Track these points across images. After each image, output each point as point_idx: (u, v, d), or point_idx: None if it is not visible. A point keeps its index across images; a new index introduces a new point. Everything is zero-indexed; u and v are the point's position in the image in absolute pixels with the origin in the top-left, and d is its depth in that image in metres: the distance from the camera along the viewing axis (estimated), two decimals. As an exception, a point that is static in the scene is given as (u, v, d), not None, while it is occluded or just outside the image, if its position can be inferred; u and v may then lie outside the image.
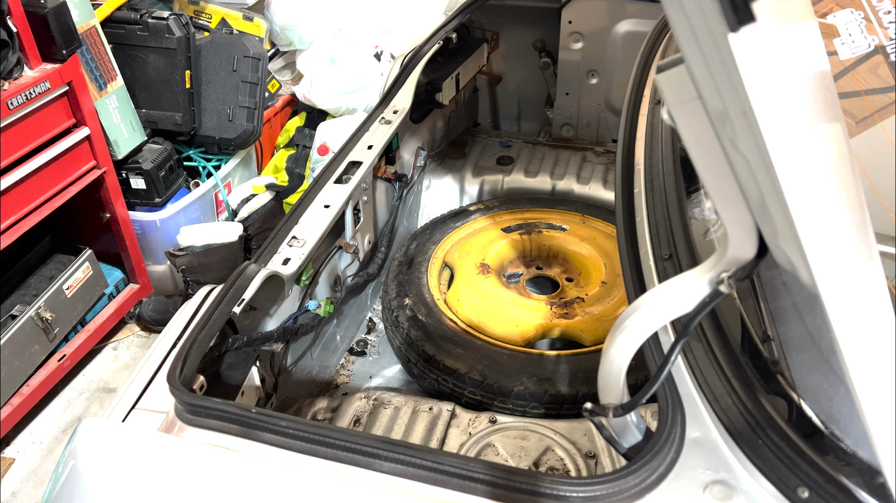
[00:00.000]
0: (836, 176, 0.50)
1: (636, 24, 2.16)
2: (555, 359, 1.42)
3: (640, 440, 0.82)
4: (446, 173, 2.25)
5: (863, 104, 0.93)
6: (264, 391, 1.24)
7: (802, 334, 0.79)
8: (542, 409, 1.35)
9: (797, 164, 0.47)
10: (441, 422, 1.25)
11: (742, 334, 0.89)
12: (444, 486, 0.72)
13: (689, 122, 0.56)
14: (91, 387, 2.29)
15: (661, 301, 0.69)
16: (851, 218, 0.51)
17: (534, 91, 2.52)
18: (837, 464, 0.69)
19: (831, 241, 0.51)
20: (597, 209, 1.99)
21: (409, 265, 1.75)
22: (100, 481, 0.77)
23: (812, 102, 0.47)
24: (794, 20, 0.44)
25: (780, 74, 0.44)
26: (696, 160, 0.59)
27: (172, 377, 0.89)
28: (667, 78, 0.55)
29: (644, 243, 1.02)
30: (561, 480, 0.70)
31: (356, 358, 1.72)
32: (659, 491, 0.70)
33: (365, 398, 1.33)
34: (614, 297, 1.62)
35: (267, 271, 1.23)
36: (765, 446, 0.71)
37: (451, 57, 2.15)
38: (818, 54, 0.46)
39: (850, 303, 0.53)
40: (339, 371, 1.67)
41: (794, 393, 0.76)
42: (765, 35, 0.42)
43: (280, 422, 0.79)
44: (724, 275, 0.65)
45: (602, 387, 0.79)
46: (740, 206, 0.60)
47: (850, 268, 0.52)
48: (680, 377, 0.81)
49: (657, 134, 1.24)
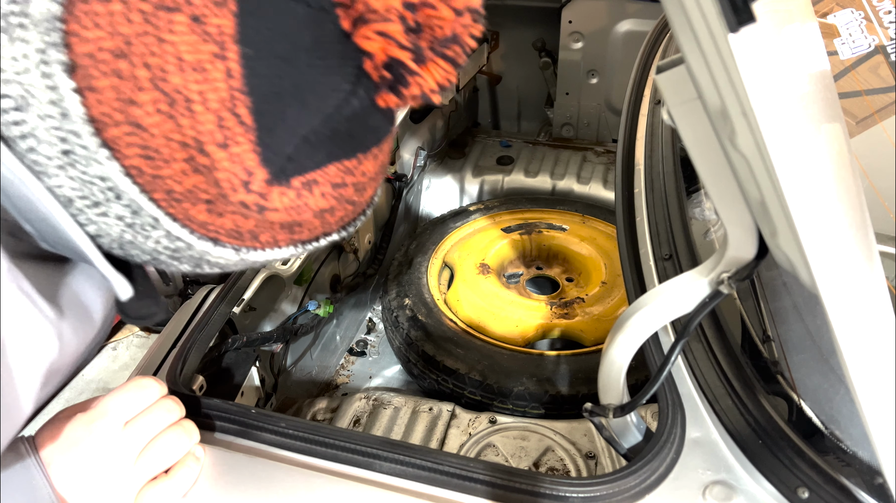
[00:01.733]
0: (836, 176, 0.50)
1: (636, 24, 2.15)
2: (555, 359, 1.42)
3: (640, 440, 0.82)
4: (446, 173, 2.25)
5: (863, 104, 0.93)
6: (264, 391, 1.24)
7: (802, 334, 0.79)
8: (543, 410, 1.35)
9: (797, 164, 0.47)
10: (441, 422, 1.25)
11: (742, 334, 0.89)
12: (444, 487, 0.72)
13: (689, 122, 0.56)
14: (90, 387, 2.29)
15: (661, 301, 0.69)
16: (851, 218, 0.51)
17: (534, 91, 2.52)
18: (837, 465, 0.69)
19: (831, 242, 0.51)
20: (597, 209, 1.99)
21: (409, 265, 1.75)
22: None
23: (812, 102, 0.47)
24: (794, 20, 0.44)
25: (781, 74, 0.44)
26: (695, 160, 0.59)
27: (172, 377, 0.89)
28: (667, 78, 0.55)
29: (644, 243, 1.02)
30: (561, 481, 0.70)
31: (356, 358, 1.72)
32: (659, 491, 0.70)
33: (365, 398, 1.33)
34: (614, 298, 1.62)
35: (267, 271, 1.23)
36: (765, 447, 0.71)
37: (451, 57, 2.15)
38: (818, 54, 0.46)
39: (850, 304, 0.53)
40: (338, 371, 1.67)
41: (795, 393, 0.76)
42: (765, 35, 0.42)
43: (280, 422, 0.79)
44: (725, 276, 0.65)
45: (602, 387, 0.79)
46: (740, 207, 0.60)
47: (850, 268, 0.52)
48: (680, 377, 0.81)
49: (657, 134, 1.24)
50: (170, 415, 0.72)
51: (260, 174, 0.46)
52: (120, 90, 0.43)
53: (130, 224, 0.48)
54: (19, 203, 0.47)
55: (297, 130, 0.46)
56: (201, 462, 0.75)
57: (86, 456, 0.66)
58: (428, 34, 0.45)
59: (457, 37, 0.46)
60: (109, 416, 0.68)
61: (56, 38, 0.42)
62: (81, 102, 0.43)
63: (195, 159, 0.45)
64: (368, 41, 0.44)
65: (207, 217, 0.49)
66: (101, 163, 0.45)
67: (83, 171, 0.45)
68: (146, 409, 0.71)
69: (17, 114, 0.44)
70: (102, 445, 0.67)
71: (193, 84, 0.43)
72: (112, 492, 0.66)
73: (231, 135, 0.45)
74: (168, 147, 0.45)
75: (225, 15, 0.43)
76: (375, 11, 0.44)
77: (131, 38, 0.42)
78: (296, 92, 0.45)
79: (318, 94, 0.45)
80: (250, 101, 0.44)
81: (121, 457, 0.67)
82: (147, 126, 0.44)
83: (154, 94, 0.43)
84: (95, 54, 0.42)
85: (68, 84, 0.43)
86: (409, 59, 0.45)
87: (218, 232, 0.50)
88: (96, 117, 0.44)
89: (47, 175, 0.45)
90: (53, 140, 0.44)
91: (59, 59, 0.42)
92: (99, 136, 0.44)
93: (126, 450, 0.68)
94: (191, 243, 0.50)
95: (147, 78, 0.43)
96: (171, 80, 0.43)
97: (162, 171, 0.46)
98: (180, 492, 0.71)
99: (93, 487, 0.65)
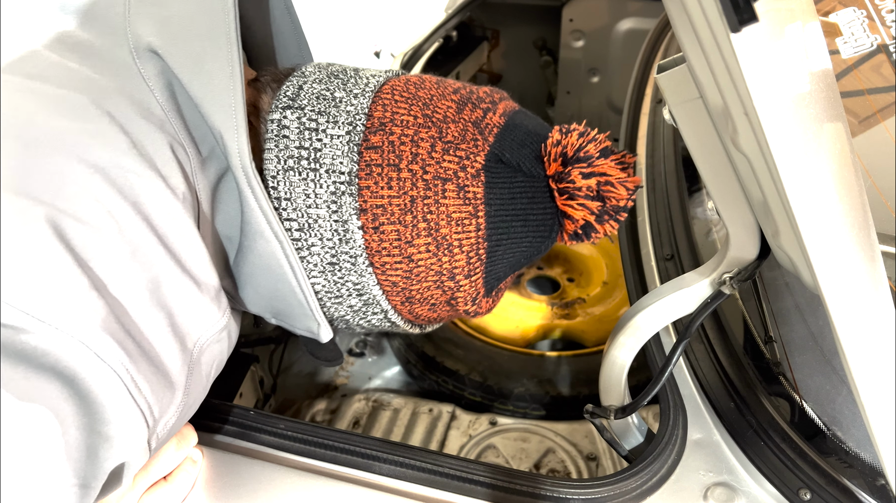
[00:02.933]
0: (838, 175, 0.49)
1: (638, 23, 2.15)
2: (556, 360, 1.42)
3: (642, 442, 0.82)
4: (447, 173, 2.24)
5: (865, 103, 0.93)
6: (263, 392, 1.24)
7: (805, 335, 0.78)
8: (543, 411, 1.35)
9: (799, 164, 0.47)
10: (441, 423, 1.25)
11: (744, 335, 0.88)
12: (444, 489, 0.71)
13: (691, 121, 0.56)
14: (91, 387, 2.29)
15: (663, 302, 0.69)
16: (854, 218, 0.51)
17: (534, 89, 2.51)
18: (840, 466, 0.69)
19: (833, 242, 0.50)
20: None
21: (410, 265, 1.75)
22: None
23: (814, 101, 0.46)
24: (796, 19, 0.44)
25: (782, 73, 0.44)
26: (697, 160, 0.59)
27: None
28: (668, 77, 0.55)
29: (646, 243, 1.02)
30: (562, 482, 0.70)
31: (355, 359, 1.72)
32: (660, 493, 0.70)
33: (364, 399, 1.33)
34: (616, 298, 1.61)
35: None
36: (767, 448, 0.71)
37: (452, 55, 2.15)
38: (820, 53, 0.46)
39: (852, 304, 0.52)
40: (337, 372, 1.67)
41: (797, 394, 0.75)
42: (767, 34, 0.42)
43: (278, 423, 0.79)
44: (727, 276, 0.64)
45: (603, 388, 0.79)
46: (742, 206, 0.60)
47: (852, 268, 0.51)
48: (682, 378, 0.81)
49: (659, 133, 1.23)
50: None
51: (482, 292, 0.64)
52: (402, 234, 0.59)
53: (356, 310, 0.65)
54: (281, 287, 0.62)
55: (510, 263, 0.64)
56: (199, 465, 0.74)
57: None
58: (609, 204, 0.61)
59: (626, 208, 0.62)
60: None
61: (353, 189, 0.58)
62: (363, 236, 0.59)
63: (444, 283, 0.62)
64: (574, 210, 0.61)
65: (424, 312, 0.66)
66: (362, 275, 0.61)
67: (341, 278, 0.62)
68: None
69: (299, 233, 0.60)
70: None
71: (455, 234, 0.59)
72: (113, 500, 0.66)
73: (473, 268, 0.62)
74: (426, 273, 0.61)
75: (478, 185, 0.59)
76: (580, 189, 0.60)
77: (417, 200, 0.58)
78: (516, 238, 0.62)
79: (529, 240, 0.63)
80: (487, 245, 0.61)
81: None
82: (416, 260, 0.60)
83: (427, 240, 0.59)
84: (386, 206, 0.58)
85: (356, 223, 0.59)
86: (595, 223, 0.62)
87: (422, 319, 0.68)
88: (373, 248, 0.60)
89: (308, 273, 0.62)
90: (326, 255, 0.61)
91: (352, 204, 0.58)
92: (370, 260, 0.60)
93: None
94: (398, 325, 0.67)
95: (424, 228, 0.59)
96: (442, 230, 0.59)
97: (412, 287, 0.62)
98: (180, 497, 0.71)
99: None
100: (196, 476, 0.73)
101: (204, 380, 0.63)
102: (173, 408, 0.57)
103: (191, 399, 0.61)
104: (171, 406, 0.56)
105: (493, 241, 0.61)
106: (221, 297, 0.61)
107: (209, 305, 0.59)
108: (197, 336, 0.58)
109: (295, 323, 0.66)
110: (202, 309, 0.58)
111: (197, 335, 0.58)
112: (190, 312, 0.56)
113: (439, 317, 0.68)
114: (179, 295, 0.55)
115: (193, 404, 0.63)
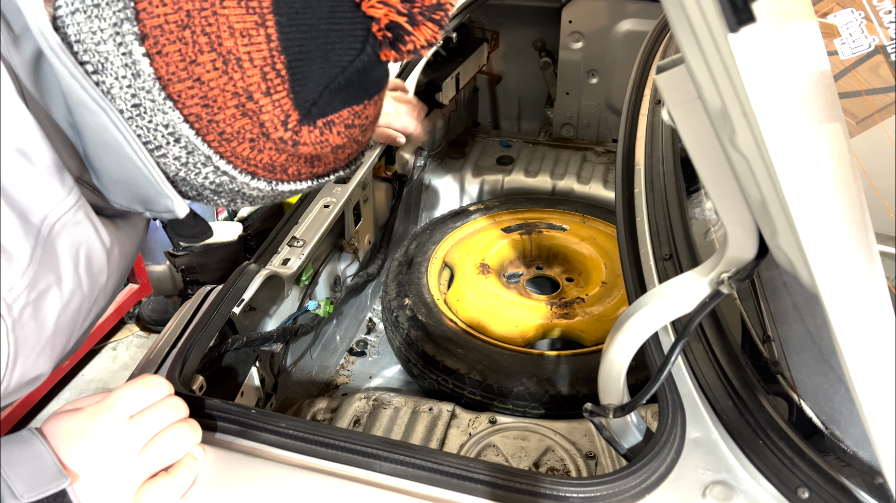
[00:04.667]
0: (836, 176, 0.50)
1: (637, 24, 2.15)
2: (555, 359, 1.42)
3: (641, 441, 0.82)
4: (446, 173, 2.25)
5: (863, 104, 0.93)
6: (264, 391, 1.24)
7: (803, 334, 0.79)
8: (543, 410, 1.35)
9: (797, 164, 0.47)
10: (441, 422, 1.25)
11: (742, 335, 0.89)
12: (444, 487, 0.72)
13: (689, 122, 0.56)
14: (90, 387, 2.29)
15: (662, 301, 0.69)
16: (852, 218, 0.51)
17: (534, 91, 2.52)
18: (838, 465, 0.69)
19: (831, 241, 0.51)
20: (597, 209, 1.98)
21: (409, 265, 1.75)
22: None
23: (812, 102, 0.47)
24: (794, 20, 0.44)
25: (781, 74, 0.44)
26: (696, 160, 0.59)
27: (172, 377, 0.89)
28: (667, 78, 0.55)
29: (644, 243, 1.02)
30: (561, 481, 0.70)
31: (356, 358, 1.72)
32: (659, 491, 0.70)
33: (365, 398, 1.33)
34: (614, 298, 1.62)
35: (267, 271, 1.23)
36: (765, 447, 0.71)
37: (451, 56, 2.15)
38: (818, 54, 0.46)
39: (850, 304, 0.53)
40: (338, 371, 1.67)
41: (795, 393, 0.76)
42: (765, 35, 0.42)
43: (280, 422, 0.79)
44: (725, 276, 0.65)
45: (602, 387, 0.79)
46: (740, 206, 0.60)
47: (850, 268, 0.52)
48: (680, 377, 0.81)
49: (657, 134, 1.24)
50: (175, 412, 0.72)
51: (294, 115, 0.59)
52: (184, 53, 0.55)
53: (185, 163, 0.61)
54: (126, 165, 0.60)
55: (320, 80, 0.58)
56: (200, 462, 0.75)
57: (89, 445, 0.66)
58: (419, 3, 0.57)
59: (441, 4, 0.59)
60: (115, 409, 0.69)
61: (129, 14, 0.54)
62: (150, 64, 0.55)
63: (245, 105, 0.57)
64: (375, 9, 0.56)
65: (250, 153, 0.61)
66: (165, 112, 0.57)
67: (149, 121, 0.58)
68: (152, 405, 0.71)
69: (95, 76, 0.56)
70: (106, 436, 0.67)
71: (242, 47, 0.55)
72: (113, 482, 0.66)
73: (272, 85, 0.57)
74: (223, 96, 0.57)
75: None
76: None
77: (192, 12, 0.54)
78: (319, 51, 0.57)
79: (336, 51, 0.58)
80: (285, 58, 0.56)
81: (124, 450, 0.68)
82: (206, 80, 0.56)
83: (212, 55, 0.55)
84: (163, 26, 0.54)
85: (139, 50, 0.55)
86: (405, 23, 0.57)
87: (256, 166, 0.63)
88: (163, 76, 0.56)
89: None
90: (126, 96, 0.57)
91: (132, 30, 0.54)
92: (165, 90, 0.56)
93: (129, 443, 0.68)
94: (234, 177, 0.62)
95: (206, 42, 0.55)
96: (225, 43, 0.55)
97: (217, 117, 0.58)
98: (180, 491, 0.71)
99: (95, 476, 0.65)
100: (197, 472, 0.74)
101: (71, 265, 0.64)
102: (17, 278, 0.58)
103: (64, 286, 0.63)
104: (14, 276, 0.58)
105: (292, 54, 0.56)
106: (65, 176, 0.62)
107: (48, 179, 0.60)
108: (43, 213, 0.60)
109: (155, 207, 0.65)
110: (39, 183, 0.59)
111: (42, 212, 0.60)
112: (22, 184, 0.58)
113: (272, 160, 0.62)
114: (7, 165, 0.57)
115: (70, 294, 0.64)
